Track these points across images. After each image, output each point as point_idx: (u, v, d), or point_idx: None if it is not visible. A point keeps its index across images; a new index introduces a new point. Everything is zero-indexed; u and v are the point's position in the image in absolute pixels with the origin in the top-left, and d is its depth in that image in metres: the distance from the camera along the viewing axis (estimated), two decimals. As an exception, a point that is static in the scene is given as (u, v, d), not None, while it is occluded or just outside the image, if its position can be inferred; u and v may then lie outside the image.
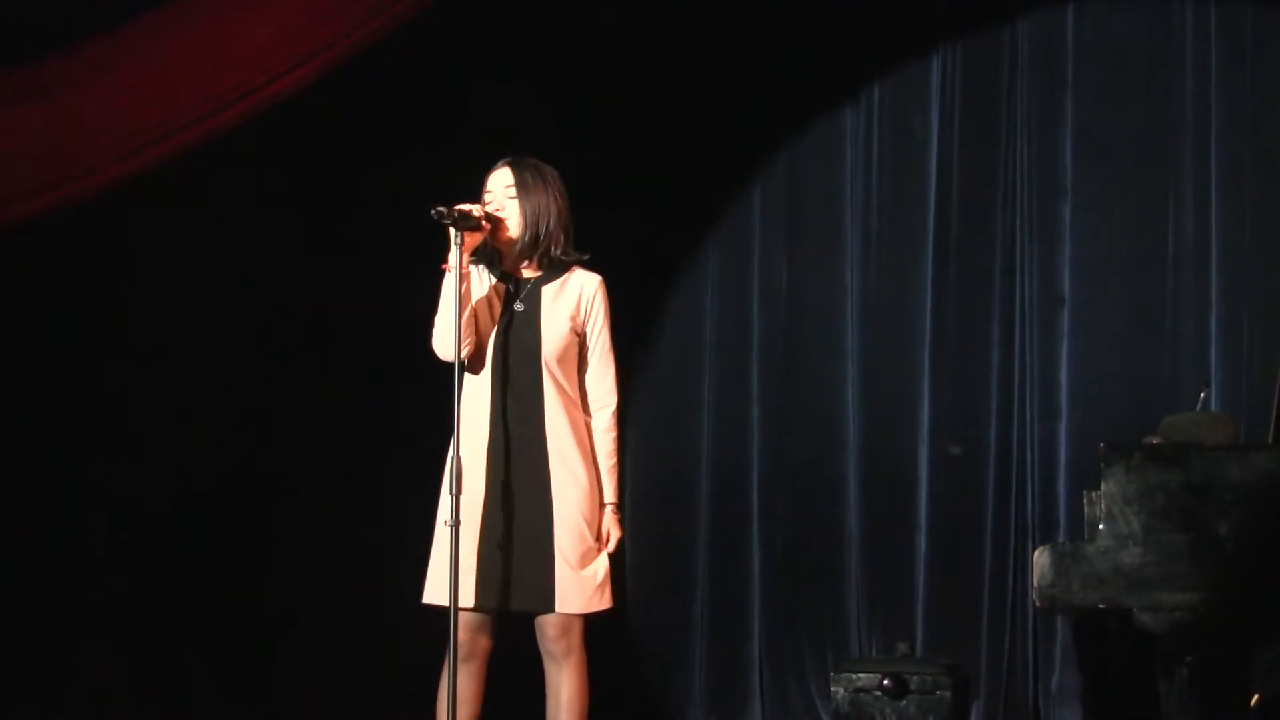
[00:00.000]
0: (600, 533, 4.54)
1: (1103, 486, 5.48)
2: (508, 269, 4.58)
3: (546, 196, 4.54)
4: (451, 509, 4.31)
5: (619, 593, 7.20)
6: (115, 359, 6.53)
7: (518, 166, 4.56)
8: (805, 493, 7.28)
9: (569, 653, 4.45)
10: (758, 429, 7.34)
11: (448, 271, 4.41)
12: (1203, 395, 6.27)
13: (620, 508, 4.63)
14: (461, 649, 4.39)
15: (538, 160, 4.60)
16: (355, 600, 6.37)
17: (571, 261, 4.58)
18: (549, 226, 4.53)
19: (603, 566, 4.53)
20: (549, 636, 4.44)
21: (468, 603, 4.37)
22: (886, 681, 6.52)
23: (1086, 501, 5.65)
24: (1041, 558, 5.51)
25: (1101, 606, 5.44)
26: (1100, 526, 5.45)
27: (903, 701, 6.51)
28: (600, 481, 4.56)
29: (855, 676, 6.60)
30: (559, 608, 4.42)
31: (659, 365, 7.48)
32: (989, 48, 7.20)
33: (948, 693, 6.51)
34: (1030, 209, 7.10)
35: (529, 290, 4.54)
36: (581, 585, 4.45)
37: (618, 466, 4.63)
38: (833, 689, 6.67)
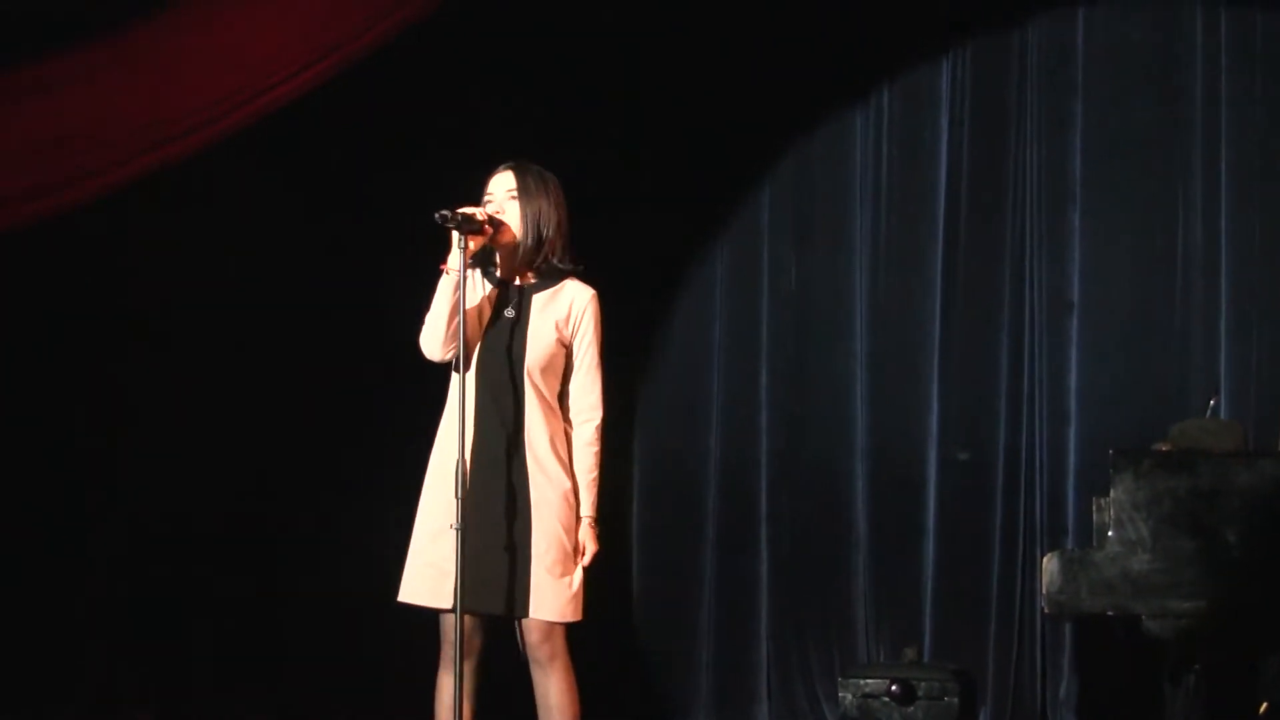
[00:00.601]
0: (577, 544, 4.50)
1: (1112, 493, 5.48)
2: (503, 274, 4.56)
3: (548, 203, 4.52)
4: (457, 512, 4.30)
5: (626, 595, 7.35)
6: (117, 359, 6.52)
7: (520, 170, 4.54)
8: (813, 495, 7.27)
9: (553, 658, 4.43)
10: (766, 431, 7.34)
11: (446, 272, 4.40)
12: (1212, 402, 6.26)
13: (598, 521, 4.58)
14: (456, 649, 4.39)
15: (541, 167, 4.58)
16: (352, 601, 6.35)
17: (567, 271, 4.56)
18: (550, 232, 4.51)
19: (578, 578, 4.48)
20: (531, 643, 4.43)
21: (449, 604, 4.36)
22: (894, 687, 6.52)
23: (1095, 508, 5.64)
24: (1050, 564, 5.51)
25: (1110, 613, 5.44)
26: (1109, 533, 5.45)
27: (910, 707, 6.50)
28: (579, 492, 4.53)
29: (863, 681, 6.60)
30: (534, 613, 4.41)
31: (667, 367, 7.48)
32: (998, 51, 7.19)
33: (955, 698, 6.50)
34: (1039, 213, 7.09)
35: (521, 297, 4.52)
36: (558, 593, 4.43)
37: (598, 481, 4.56)
38: (840, 694, 6.67)
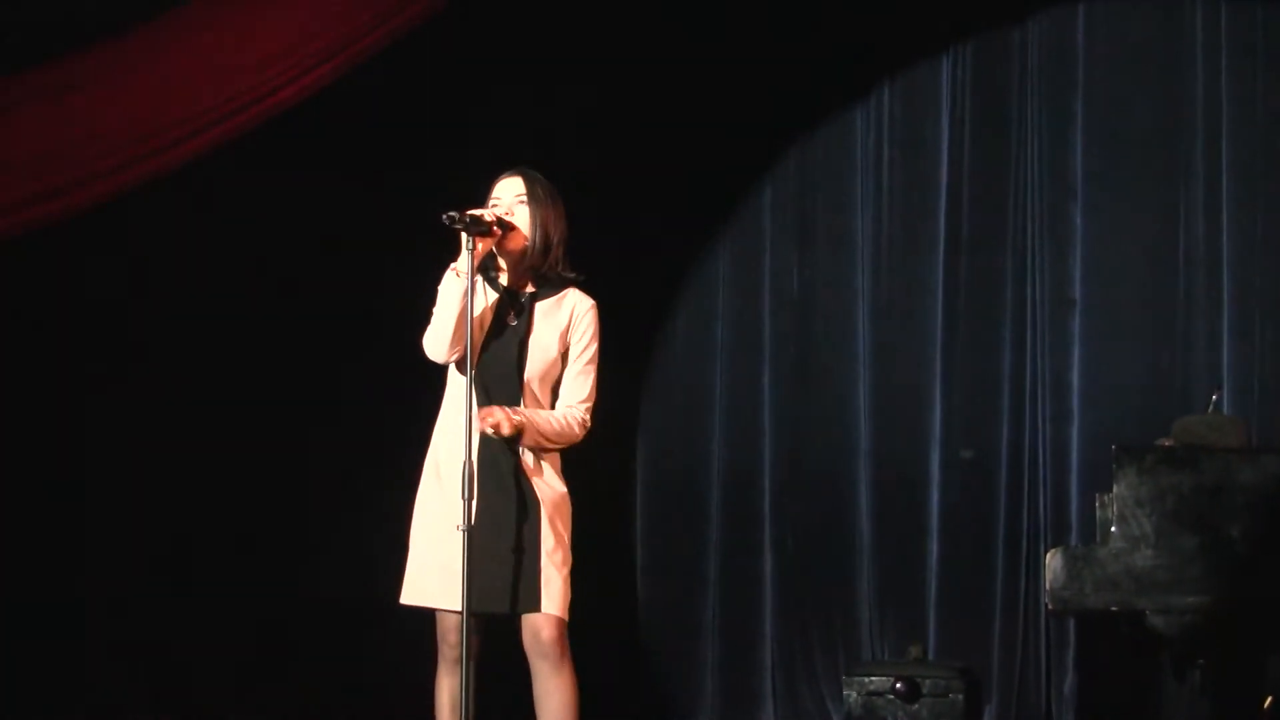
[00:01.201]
0: (566, 540, 4.48)
1: (1115, 489, 5.48)
2: (506, 281, 4.56)
3: (554, 211, 4.53)
4: (465, 513, 4.30)
5: (631, 595, 7.35)
6: (121, 359, 6.53)
7: (528, 176, 4.55)
8: (816, 495, 7.28)
9: (562, 655, 4.44)
10: (769, 431, 7.34)
11: (455, 274, 4.40)
12: (1215, 397, 6.27)
13: (517, 428, 4.38)
14: (453, 650, 4.40)
15: (544, 178, 4.59)
16: (353, 601, 6.36)
17: (569, 280, 4.57)
18: (556, 239, 4.52)
19: (565, 576, 4.48)
20: (545, 640, 4.42)
21: (454, 604, 4.36)
22: (899, 685, 6.53)
23: (1098, 504, 5.65)
24: (1053, 560, 5.51)
25: (1113, 609, 5.45)
26: (1112, 529, 5.45)
27: (915, 705, 6.51)
28: (567, 496, 4.48)
29: (867, 680, 6.61)
30: (546, 608, 4.41)
31: (670, 367, 7.48)
32: (999, 49, 7.20)
33: (960, 696, 6.51)
34: (1041, 211, 7.09)
35: (523, 304, 4.53)
36: (564, 590, 4.45)
37: (545, 437, 4.43)
38: (845, 692, 6.68)
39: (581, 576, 4.57)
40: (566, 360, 4.52)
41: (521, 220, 4.50)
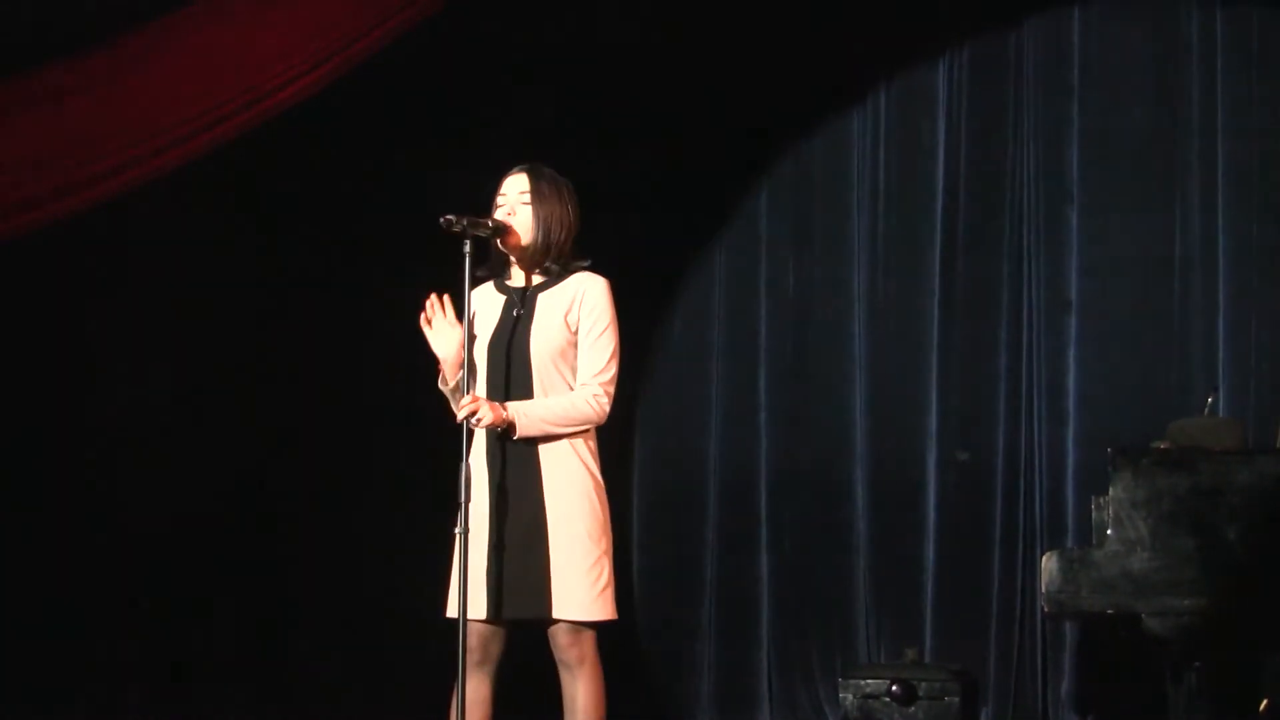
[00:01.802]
0: (601, 541, 4.44)
1: (1111, 491, 5.48)
2: (511, 277, 4.56)
3: (560, 207, 4.52)
4: (461, 517, 4.30)
5: (628, 597, 7.35)
6: (126, 360, 6.54)
7: (535, 174, 4.54)
8: (813, 497, 7.28)
9: (582, 660, 4.40)
10: (765, 433, 7.35)
11: (442, 385, 4.42)
12: (1210, 399, 6.28)
13: (509, 424, 4.28)
14: (473, 655, 4.37)
15: (554, 171, 4.58)
16: (370, 607, 6.36)
17: (574, 268, 4.56)
18: (558, 236, 4.52)
19: (605, 576, 4.42)
20: (560, 645, 4.40)
21: (479, 613, 4.35)
22: (895, 687, 6.53)
23: (1095, 506, 5.65)
24: (1050, 563, 5.51)
25: (1110, 612, 5.45)
26: (1108, 531, 5.45)
27: (911, 707, 6.51)
28: (599, 488, 4.39)
29: (864, 682, 6.60)
30: (557, 614, 4.39)
31: (667, 369, 7.49)
32: (995, 53, 7.21)
33: (956, 698, 6.51)
34: (1037, 214, 7.10)
35: (527, 297, 4.53)
36: (582, 592, 4.40)
37: (550, 423, 4.34)
38: (841, 694, 6.67)
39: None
40: (576, 335, 4.50)
41: (524, 219, 4.49)
